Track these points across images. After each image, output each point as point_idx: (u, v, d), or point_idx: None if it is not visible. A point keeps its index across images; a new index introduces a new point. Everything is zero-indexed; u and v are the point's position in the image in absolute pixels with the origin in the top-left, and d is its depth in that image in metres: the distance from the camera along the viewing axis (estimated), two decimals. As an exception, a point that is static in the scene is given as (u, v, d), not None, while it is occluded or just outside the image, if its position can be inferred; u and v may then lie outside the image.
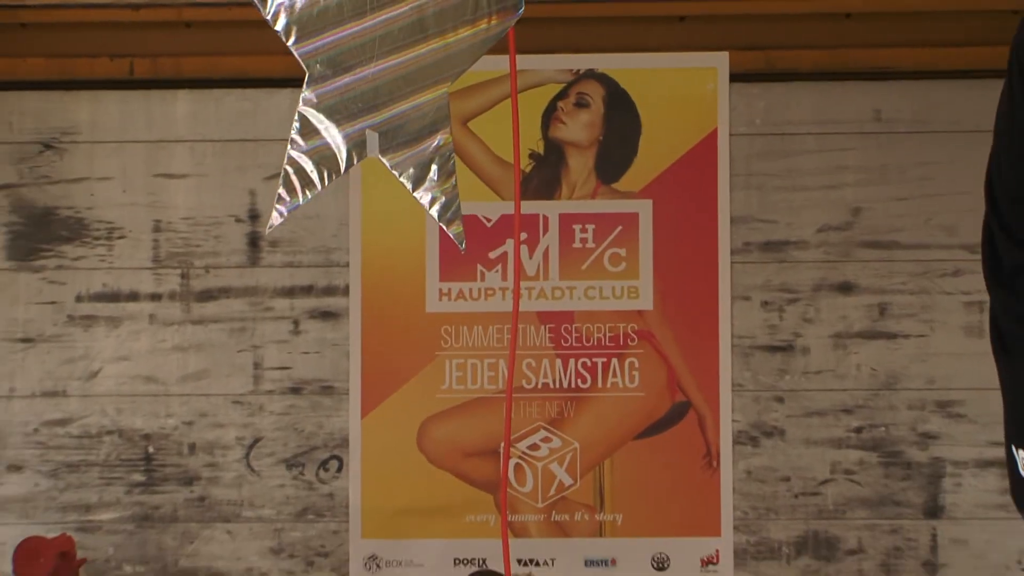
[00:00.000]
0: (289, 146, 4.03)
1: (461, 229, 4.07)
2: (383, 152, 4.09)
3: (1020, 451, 3.79)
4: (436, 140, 4.05)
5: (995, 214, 3.96)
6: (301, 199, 4.03)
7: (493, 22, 4.09)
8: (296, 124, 4.04)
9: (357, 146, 4.09)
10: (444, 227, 4.06)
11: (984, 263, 3.98)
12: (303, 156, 4.04)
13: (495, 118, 6.56)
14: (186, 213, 7.15)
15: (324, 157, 4.08)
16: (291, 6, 3.99)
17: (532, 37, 4.05)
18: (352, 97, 4.06)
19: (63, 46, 7.10)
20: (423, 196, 4.08)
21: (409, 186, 4.08)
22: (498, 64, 4.11)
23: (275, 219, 4.03)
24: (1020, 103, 3.91)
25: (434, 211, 4.02)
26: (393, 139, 4.12)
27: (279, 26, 3.98)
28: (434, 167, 4.06)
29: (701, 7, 6.93)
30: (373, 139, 4.11)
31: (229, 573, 6.99)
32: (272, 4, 3.98)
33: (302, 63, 3.88)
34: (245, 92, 7.03)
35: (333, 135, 4.09)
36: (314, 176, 4.06)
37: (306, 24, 3.97)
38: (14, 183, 7.16)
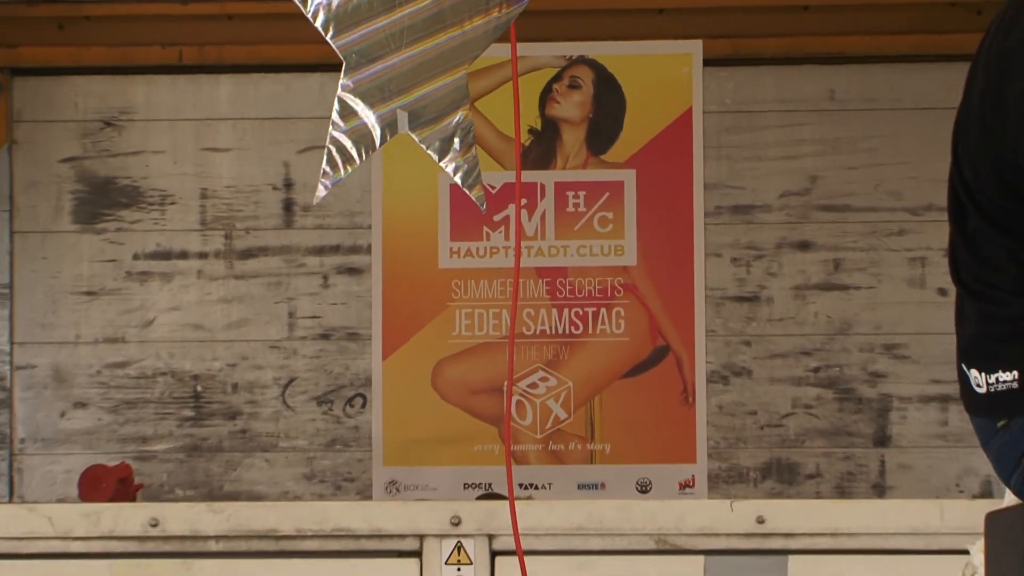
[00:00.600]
0: (331, 127, 4.10)
1: (482, 192, 4.14)
2: (412, 129, 4.17)
3: (971, 370, 3.82)
4: (457, 116, 4.13)
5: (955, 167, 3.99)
6: (343, 173, 4.10)
7: (503, 11, 4.14)
8: (336, 107, 4.09)
9: (389, 125, 4.17)
10: (467, 191, 4.12)
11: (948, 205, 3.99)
12: (343, 135, 4.11)
13: (498, 99, 6.58)
14: (229, 182, 7.24)
15: (362, 136, 4.15)
16: (328, 5, 4.04)
17: (530, 27, 4.09)
18: (383, 83, 4.13)
19: (121, 36, 7.18)
20: (448, 165, 4.16)
21: (436, 157, 4.15)
22: (501, 51, 4.13)
23: (321, 191, 4.10)
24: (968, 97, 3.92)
25: (458, 178, 4.11)
26: (420, 117, 4.20)
27: (319, 22, 4.03)
28: (456, 140, 4.14)
29: (678, 1, 6.96)
30: (403, 118, 4.19)
31: (267, 496, 7.09)
32: (312, 3, 4.03)
33: (339, 54, 3.94)
34: (279, 76, 7.10)
35: (368, 116, 4.14)
36: (353, 152, 4.13)
37: (341, 20, 4.03)
38: (79, 156, 7.25)
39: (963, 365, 3.81)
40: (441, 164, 4.15)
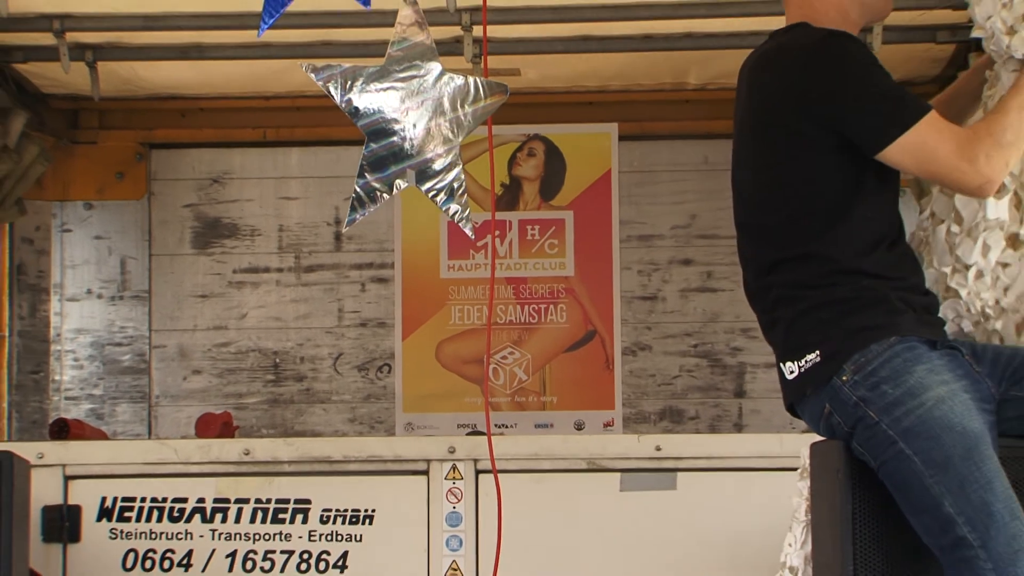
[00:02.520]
0: (355, 183, 4.07)
1: (471, 226, 4.12)
2: (419, 183, 4.11)
3: (785, 363, 3.74)
4: (453, 173, 4.07)
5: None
6: (368, 211, 4.07)
7: (488, 101, 4.11)
8: (361, 165, 4.06)
9: (400, 179, 4.09)
10: (461, 226, 4.08)
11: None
12: (367, 185, 4.06)
13: (480, 162, 6.55)
14: (297, 220, 7.25)
15: (380, 187, 4.10)
16: (354, 103, 4.00)
17: (500, 113, 4.05)
18: (396, 151, 4.06)
19: (224, 122, 7.19)
20: (446, 208, 4.11)
21: (438, 203, 4.10)
22: (482, 130, 4.11)
23: (351, 223, 4.08)
24: (742, 121, 3.88)
25: (455, 217, 4.06)
26: (425, 175, 4.13)
27: (349, 111, 4.00)
28: (453, 190, 4.08)
29: (602, 97, 7.00)
30: (411, 175, 4.12)
31: (323, 433, 7.07)
32: (342, 101, 3.99)
33: (363, 131, 3.90)
34: (332, 148, 7.08)
35: (384, 173, 4.10)
36: (374, 197, 4.08)
37: (363, 113, 3.99)
38: (195, 203, 7.24)
39: (782, 362, 3.75)
40: (441, 207, 4.14)
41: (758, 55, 3.81)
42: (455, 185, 4.10)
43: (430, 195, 4.12)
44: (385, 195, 4.13)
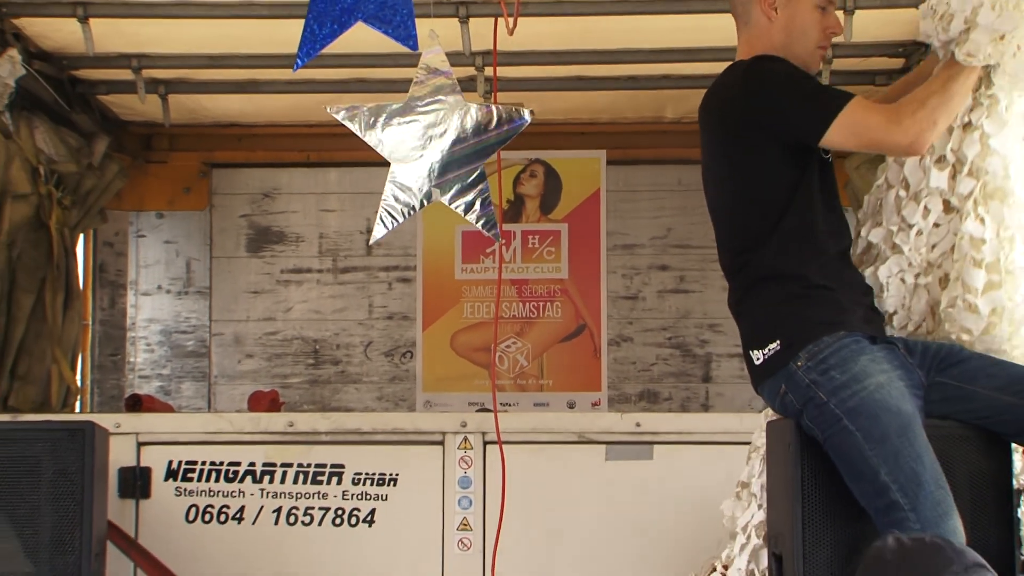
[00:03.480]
0: (381, 201, 4.06)
1: (497, 232, 4.11)
2: (445, 199, 4.08)
3: (752, 351, 3.74)
4: (478, 188, 4.05)
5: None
6: (396, 223, 4.05)
7: (505, 128, 4.08)
8: (388, 186, 4.04)
9: (427, 196, 4.07)
10: (485, 232, 4.08)
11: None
12: (395, 201, 4.04)
13: (489, 181, 6.53)
14: (335, 229, 7.22)
15: (407, 203, 4.07)
16: (378, 136, 3.99)
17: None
18: (419, 175, 4.04)
19: (274, 145, 7.19)
20: (472, 218, 4.09)
21: (463, 215, 4.08)
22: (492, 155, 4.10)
23: (378, 234, 4.06)
24: (714, 157, 3.90)
25: (480, 226, 4.05)
26: (450, 190, 4.10)
27: (373, 144, 4.00)
28: (477, 204, 4.06)
29: (592, 127, 6.99)
30: (437, 192, 4.10)
31: (355, 408, 7.06)
32: (365, 135, 3.98)
33: (388, 159, 3.90)
34: (365, 168, 7.01)
35: (408, 194, 4.08)
36: (403, 212, 4.06)
37: (388, 144, 3.98)
38: (249, 214, 7.27)
39: (748, 350, 3.76)
40: (468, 218, 4.12)
41: (709, 90, 3.83)
42: (480, 199, 4.09)
43: (458, 209, 4.11)
44: (411, 211, 4.12)
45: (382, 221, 4.08)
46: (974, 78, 3.60)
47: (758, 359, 3.67)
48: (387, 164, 4.11)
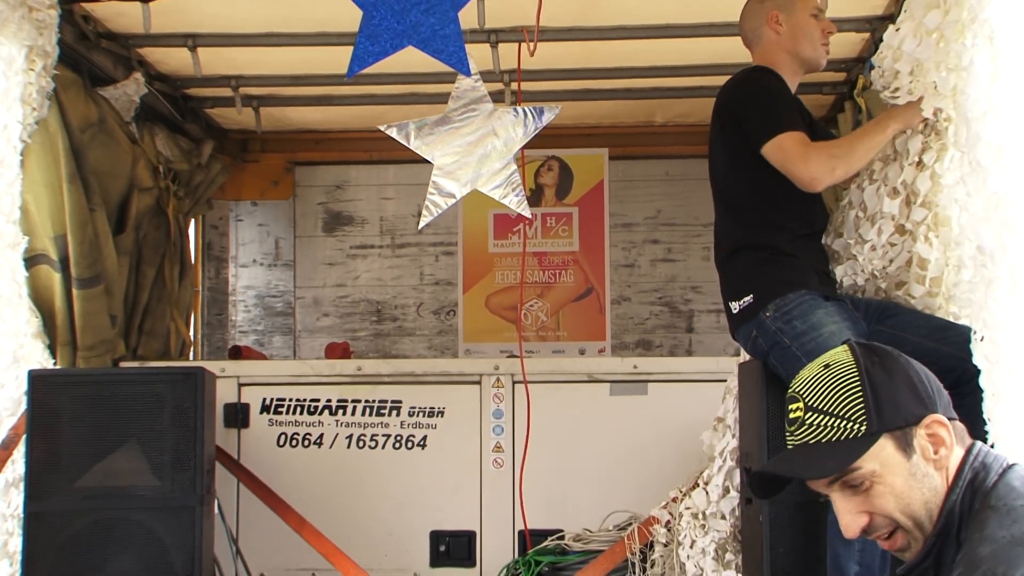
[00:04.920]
0: (430, 191, 4.04)
1: (528, 212, 4.09)
2: (479, 186, 4.05)
3: (731, 303, 3.75)
4: (509, 179, 4.03)
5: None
6: (440, 211, 4.03)
7: (531, 125, 4.06)
8: (432, 181, 4.03)
9: (464, 185, 4.05)
10: (520, 211, 4.05)
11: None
12: (440, 190, 4.02)
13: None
14: (393, 213, 7.19)
15: (449, 191, 4.06)
16: (423, 146, 3.99)
17: (530, 141, 4.03)
18: (459, 170, 4.02)
19: (344, 147, 7.13)
20: (507, 201, 4.06)
21: (498, 199, 4.06)
22: (517, 152, 4.07)
23: (425, 220, 4.05)
24: (713, 143, 3.86)
25: (514, 207, 4.02)
26: (482, 178, 4.08)
27: (418, 151, 4.00)
28: (510, 190, 4.03)
29: (597, 130, 6.95)
30: (474, 184, 4.07)
31: (410, 356, 7.06)
32: (414, 146, 3.98)
33: (433, 162, 3.88)
34: (415, 164, 6.95)
35: (451, 185, 4.06)
36: (446, 199, 4.04)
37: (430, 150, 3.96)
38: (324, 201, 7.24)
39: (727, 302, 3.76)
40: (503, 202, 4.09)
41: (721, 89, 3.82)
42: (512, 185, 4.07)
43: (493, 195, 4.09)
44: (452, 198, 4.10)
45: (428, 209, 4.07)
46: (881, 138, 3.59)
47: (735, 309, 3.69)
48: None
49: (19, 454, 4.12)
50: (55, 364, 4.60)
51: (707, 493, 4.05)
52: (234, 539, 4.47)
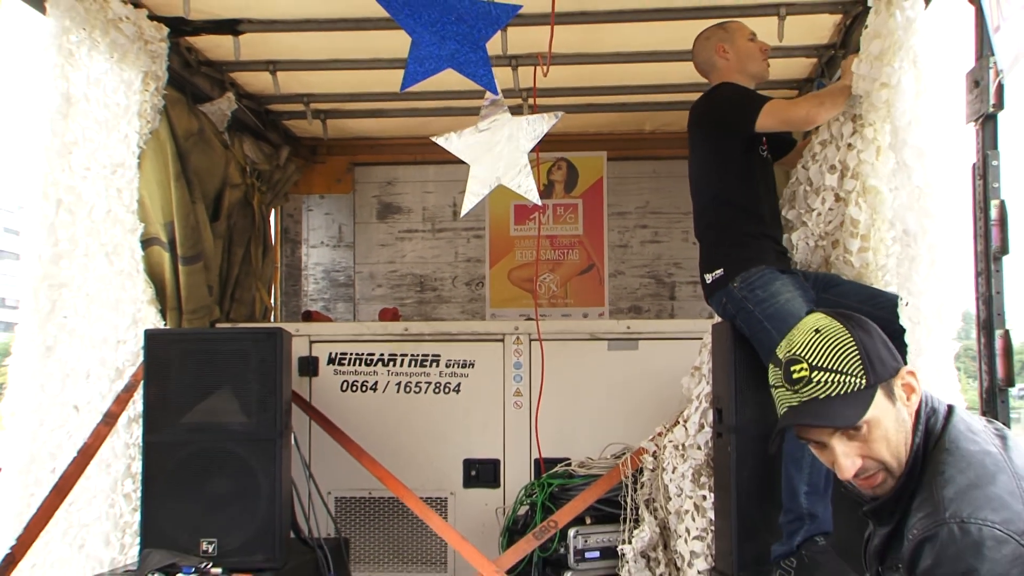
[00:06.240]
0: (468, 186, 4.05)
1: (541, 203, 4.08)
2: (503, 182, 4.05)
3: (705, 275, 3.76)
4: (526, 171, 4.02)
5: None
6: (477, 201, 4.04)
7: (546, 123, 4.06)
8: (470, 180, 4.04)
9: (492, 181, 4.05)
10: (531, 198, 4.04)
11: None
12: (477, 187, 4.02)
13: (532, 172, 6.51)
14: (433, 203, 7.17)
15: (481, 186, 4.05)
16: (461, 150, 3.98)
17: (545, 145, 4.03)
18: (488, 169, 4.02)
19: (394, 151, 7.12)
20: (523, 194, 4.06)
21: (518, 191, 4.05)
22: (531, 155, 4.07)
23: (465, 209, 4.06)
24: (694, 149, 3.87)
25: (530, 196, 4.01)
26: (505, 175, 4.07)
27: (458, 154, 3.99)
28: (527, 185, 4.03)
29: (598, 137, 6.90)
30: (500, 177, 4.07)
31: (446, 319, 7.03)
32: (454, 150, 3.98)
33: (467, 162, 3.87)
34: (452, 165, 6.96)
35: (484, 182, 4.05)
36: (480, 194, 4.04)
37: (467, 154, 3.96)
38: (378, 195, 7.20)
39: (703, 274, 3.77)
40: (522, 194, 4.10)
41: (693, 104, 3.85)
42: (526, 179, 4.07)
43: (514, 188, 4.09)
44: (484, 193, 4.12)
45: (468, 200, 4.09)
46: (841, 99, 3.56)
47: (708, 280, 3.72)
48: (467, 164, 4.11)
49: (138, 396, 4.21)
50: (165, 325, 4.67)
51: (686, 428, 4.07)
52: (307, 465, 4.52)
